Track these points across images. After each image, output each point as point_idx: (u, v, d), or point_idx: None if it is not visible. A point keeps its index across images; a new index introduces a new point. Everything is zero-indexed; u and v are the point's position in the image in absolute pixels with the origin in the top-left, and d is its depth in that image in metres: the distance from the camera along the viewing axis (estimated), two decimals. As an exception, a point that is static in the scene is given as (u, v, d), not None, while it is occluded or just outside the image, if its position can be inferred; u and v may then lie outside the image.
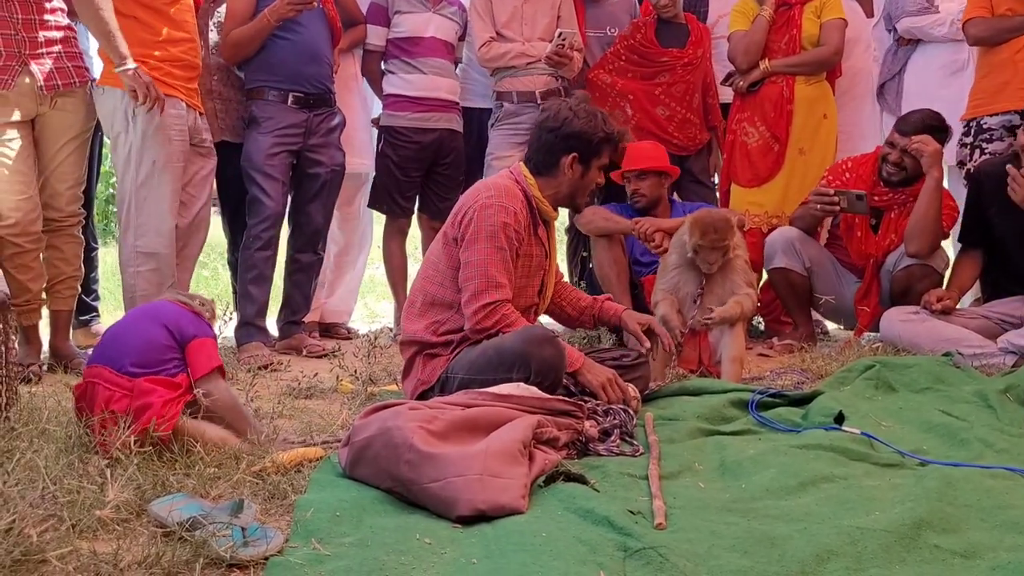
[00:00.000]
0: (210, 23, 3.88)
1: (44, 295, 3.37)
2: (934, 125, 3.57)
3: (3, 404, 2.23)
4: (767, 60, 4.11)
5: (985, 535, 1.61)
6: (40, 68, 3.19)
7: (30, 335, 3.33)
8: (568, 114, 2.66)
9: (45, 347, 3.48)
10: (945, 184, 4.20)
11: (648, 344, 2.77)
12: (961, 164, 3.98)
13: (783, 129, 4.11)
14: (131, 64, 3.24)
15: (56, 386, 2.91)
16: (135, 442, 1.97)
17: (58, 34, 3.27)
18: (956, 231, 3.77)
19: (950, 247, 3.91)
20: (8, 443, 1.96)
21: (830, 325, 4.31)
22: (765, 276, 3.97)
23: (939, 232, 3.58)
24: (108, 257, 5.58)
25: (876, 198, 3.69)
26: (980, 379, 2.82)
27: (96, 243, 4.15)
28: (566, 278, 4.87)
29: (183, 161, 3.46)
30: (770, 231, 4.01)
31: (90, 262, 3.97)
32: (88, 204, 3.68)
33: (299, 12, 3.70)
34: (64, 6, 3.31)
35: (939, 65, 4.26)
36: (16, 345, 2.48)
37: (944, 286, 3.64)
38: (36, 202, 3.23)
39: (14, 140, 3.16)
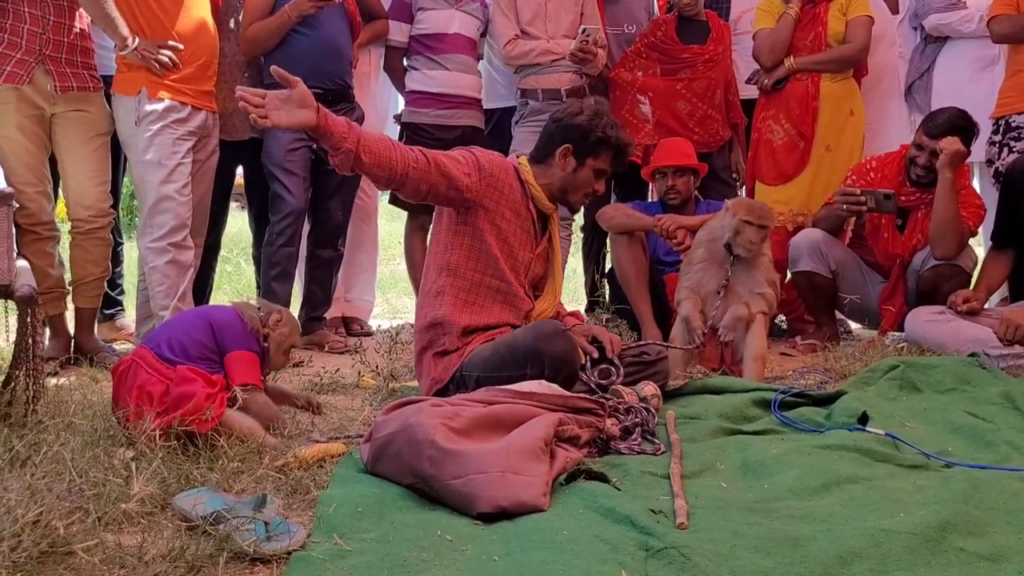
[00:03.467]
0: (237, 19, 3.87)
1: (69, 290, 3.42)
2: (961, 125, 3.51)
3: (31, 397, 2.27)
4: (792, 57, 4.08)
5: (1011, 538, 1.59)
6: (57, 69, 3.23)
7: (57, 328, 3.38)
8: (576, 109, 2.70)
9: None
10: (976, 183, 4.13)
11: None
12: (990, 162, 3.93)
13: (809, 126, 4.08)
14: (133, 43, 3.26)
15: (82, 379, 2.95)
16: (160, 435, 2.00)
17: (80, 42, 3.32)
18: (986, 228, 3.71)
19: (979, 245, 3.86)
20: (35, 436, 1.99)
21: (853, 325, 4.27)
22: (789, 275, 3.94)
23: (963, 232, 3.52)
24: (133, 252, 5.62)
25: (903, 198, 3.64)
26: (1006, 380, 2.78)
27: (121, 238, 4.18)
28: (582, 277, 4.88)
29: (189, 158, 3.46)
30: (795, 229, 3.98)
31: (115, 257, 4.00)
32: (114, 200, 3.71)
33: (320, 9, 3.71)
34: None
35: (968, 61, 4.20)
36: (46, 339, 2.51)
37: (972, 285, 3.59)
38: (49, 195, 3.30)
39: (29, 135, 3.21)
